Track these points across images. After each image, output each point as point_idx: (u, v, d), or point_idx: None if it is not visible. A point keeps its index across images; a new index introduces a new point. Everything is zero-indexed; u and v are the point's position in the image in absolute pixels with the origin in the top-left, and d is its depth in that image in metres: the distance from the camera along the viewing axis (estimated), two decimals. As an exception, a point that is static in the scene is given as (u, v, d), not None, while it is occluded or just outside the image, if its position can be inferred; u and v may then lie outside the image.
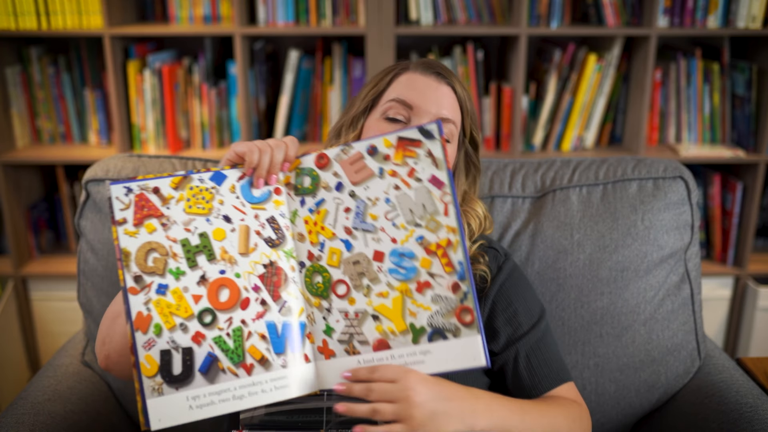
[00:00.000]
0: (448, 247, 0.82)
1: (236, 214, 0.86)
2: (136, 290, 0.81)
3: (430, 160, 0.84)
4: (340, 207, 0.87)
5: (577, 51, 2.03)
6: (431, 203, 0.83)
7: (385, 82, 1.06)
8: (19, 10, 1.91)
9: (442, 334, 0.81)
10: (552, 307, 1.26)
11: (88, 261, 1.29)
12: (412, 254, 0.83)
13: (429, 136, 0.84)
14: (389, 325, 0.83)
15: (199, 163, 1.33)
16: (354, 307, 0.85)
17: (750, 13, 1.95)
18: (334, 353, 0.85)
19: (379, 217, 0.85)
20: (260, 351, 0.82)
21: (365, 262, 0.85)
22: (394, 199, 0.85)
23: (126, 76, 2.01)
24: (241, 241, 0.85)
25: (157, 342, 0.80)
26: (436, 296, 0.82)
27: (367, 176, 0.86)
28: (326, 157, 0.88)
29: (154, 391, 0.78)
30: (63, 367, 1.27)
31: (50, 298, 2.09)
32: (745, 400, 1.15)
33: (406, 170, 0.85)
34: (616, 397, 1.27)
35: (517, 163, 1.35)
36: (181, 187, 0.85)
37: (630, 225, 1.25)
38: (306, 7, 2.00)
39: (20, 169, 2.07)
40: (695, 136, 2.13)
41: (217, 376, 0.80)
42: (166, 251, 0.83)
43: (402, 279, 0.84)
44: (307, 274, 0.87)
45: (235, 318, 0.83)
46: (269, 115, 2.14)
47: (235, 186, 0.87)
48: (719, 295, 2.13)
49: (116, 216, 0.82)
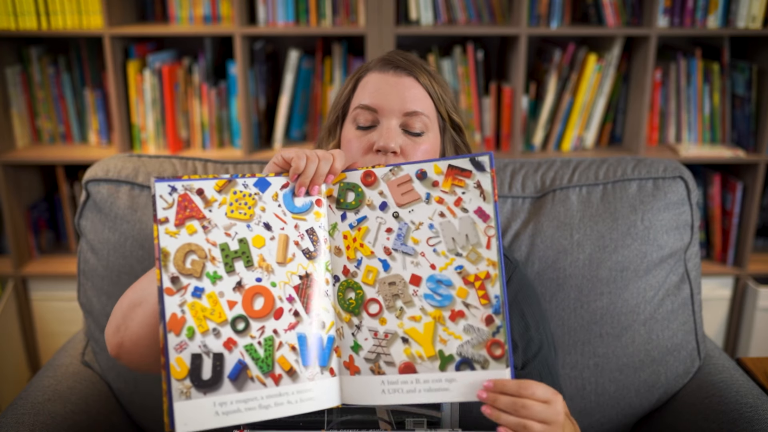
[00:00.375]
0: (486, 279, 0.82)
1: (277, 222, 0.85)
2: (172, 291, 0.79)
3: (479, 191, 0.84)
4: (382, 226, 0.87)
5: (577, 51, 2.03)
6: (474, 234, 0.83)
7: (350, 89, 1.05)
8: (19, 10, 1.91)
9: (470, 364, 0.81)
10: (552, 307, 1.26)
11: (88, 261, 1.29)
12: (450, 282, 0.83)
13: (480, 168, 0.84)
14: (418, 350, 0.83)
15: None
16: (384, 328, 0.84)
17: (750, 13, 1.95)
18: (359, 370, 0.84)
19: (421, 241, 0.85)
20: (289, 362, 0.82)
21: (401, 284, 0.85)
22: (438, 225, 0.85)
23: (126, 76, 2.01)
24: (279, 250, 0.85)
25: (189, 345, 0.78)
26: (468, 326, 0.82)
27: (413, 200, 0.86)
28: (374, 176, 0.88)
29: (182, 394, 0.76)
30: (63, 367, 1.27)
31: (50, 298, 2.09)
32: (745, 400, 1.15)
33: (453, 199, 0.85)
34: (616, 397, 1.27)
35: (517, 163, 1.35)
36: (224, 190, 0.84)
37: (630, 225, 1.25)
38: (306, 7, 2.00)
39: (20, 169, 2.07)
40: (695, 136, 2.13)
41: (245, 384, 0.79)
42: (205, 254, 0.81)
43: (436, 305, 0.83)
44: (341, 288, 0.87)
45: (268, 327, 0.82)
46: (269, 115, 2.14)
47: (278, 194, 0.86)
48: (719, 295, 2.13)
49: (158, 214, 0.80)
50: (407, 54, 1.05)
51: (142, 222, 1.27)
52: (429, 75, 1.03)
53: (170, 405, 0.76)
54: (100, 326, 1.30)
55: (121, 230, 1.27)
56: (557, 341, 1.26)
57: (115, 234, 1.27)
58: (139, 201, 1.28)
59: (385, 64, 1.02)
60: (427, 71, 1.03)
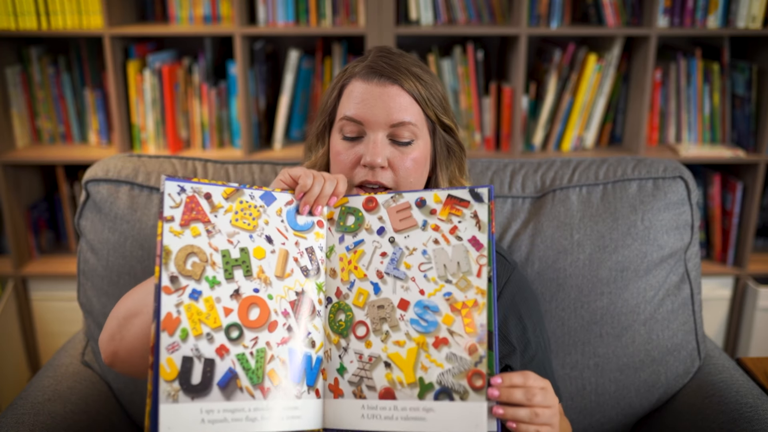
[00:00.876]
0: (474, 307, 0.82)
1: (278, 237, 0.86)
2: (170, 290, 0.78)
3: (475, 221, 0.86)
4: (377, 250, 0.88)
5: (577, 51, 2.03)
6: (466, 262, 0.84)
7: (334, 97, 1.03)
8: (19, 10, 1.91)
9: (449, 394, 0.81)
10: (552, 307, 1.26)
11: (88, 261, 1.29)
12: (437, 308, 0.84)
13: (478, 199, 0.86)
14: (399, 375, 0.83)
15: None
16: (369, 351, 0.85)
17: (750, 13, 1.95)
18: (342, 393, 0.84)
19: (413, 266, 0.86)
20: (279, 376, 0.81)
21: (389, 308, 0.86)
22: (431, 252, 0.86)
23: (126, 76, 2.01)
24: (279, 264, 0.85)
25: (181, 347, 0.76)
26: (451, 354, 0.82)
27: (411, 226, 0.88)
28: (375, 201, 0.90)
29: (169, 396, 0.74)
30: (63, 367, 1.27)
31: (50, 298, 2.09)
32: (745, 400, 1.15)
33: (449, 227, 0.86)
34: (616, 397, 1.27)
35: (517, 163, 1.35)
36: (231, 198, 0.85)
37: (630, 225, 1.25)
38: (306, 7, 2.00)
39: (20, 169, 2.07)
40: (695, 136, 2.13)
41: (234, 394, 0.78)
42: (206, 258, 0.81)
43: (421, 331, 0.84)
44: (332, 310, 0.88)
45: (261, 339, 0.81)
46: (269, 115, 2.14)
47: (282, 209, 0.88)
48: (719, 295, 2.13)
49: (165, 212, 0.80)
50: (391, 56, 1.02)
51: (141, 222, 1.27)
52: (414, 78, 1.00)
53: (154, 407, 0.74)
54: (100, 326, 1.30)
55: (120, 230, 1.27)
56: (557, 341, 1.26)
57: (114, 234, 1.27)
58: (139, 201, 1.28)
59: (368, 73, 0.99)
60: (413, 74, 1.00)
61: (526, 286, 1.10)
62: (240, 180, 1.33)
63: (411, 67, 1.01)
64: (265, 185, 1.31)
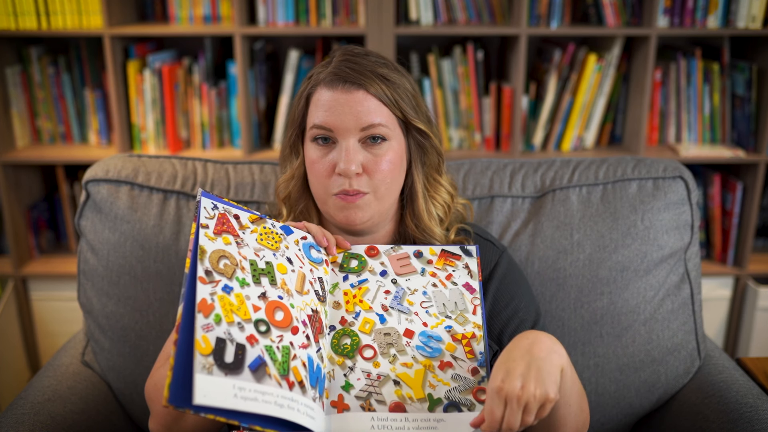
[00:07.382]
0: (473, 338, 0.92)
1: (297, 261, 0.94)
2: (205, 281, 0.81)
3: (467, 271, 0.98)
4: (381, 288, 0.97)
5: (577, 51, 2.03)
6: (462, 302, 0.95)
7: (302, 107, 1.02)
8: (19, 10, 1.91)
9: (457, 407, 0.87)
10: (552, 307, 1.26)
11: (88, 261, 1.29)
12: (440, 338, 0.92)
13: (468, 254, 1.00)
14: (408, 392, 0.88)
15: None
16: (377, 370, 0.90)
17: (750, 13, 1.95)
18: (348, 407, 0.87)
19: (415, 303, 0.95)
20: (301, 375, 0.84)
21: (395, 336, 0.93)
22: (431, 293, 0.96)
23: (126, 76, 2.01)
24: (298, 282, 0.92)
25: (215, 329, 0.79)
26: (456, 375, 0.89)
27: (410, 271, 0.98)
28: (377, 250, 1.00)
29: (204, 368, 0.75)
30: (63, 367, 1.27)
31: (50, 298, 2.09)
32: (745, 400, 1.15)
33: (444, 274, 0.98)
34: (616, 397, 1.27)
35: (517, 163, 1.35)
36: (256, 222, 0.94)
37: (630, 225, 1.25)
38: (306, 7, 2.00)
39: (20, 169, 2.07)
40: (695, 136, 2.13)
41: (264, 378, 0.79)
42: (236, 262, 0.86)
43: (427, 356, 0.91)
44: (336, 336, 0.93)
45: (286, 337, 0.84)
46: (269, 115, 2.14)
47: (298, 241, 0.97)
48: (719, 295, 2.13)
49: (201, 220, 0.87)
50: (354, 58, 1.00)
51: (142, 222, 1.27)
52: (380, 80, 0.98)
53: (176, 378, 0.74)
54: (100, 326, 1.30)
55: (121, 230, 1.27)
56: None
57: (115, 234, 1.27)
58: (139, 201, 1.28)
59: (333, 80, 0.98)
60: (378, 75, 0.98)
61: (515, 267, 1.12)
62: (240, 180, 1.33)
63: (376, 68, 0.99)
64: (264, 185, 1.31)
